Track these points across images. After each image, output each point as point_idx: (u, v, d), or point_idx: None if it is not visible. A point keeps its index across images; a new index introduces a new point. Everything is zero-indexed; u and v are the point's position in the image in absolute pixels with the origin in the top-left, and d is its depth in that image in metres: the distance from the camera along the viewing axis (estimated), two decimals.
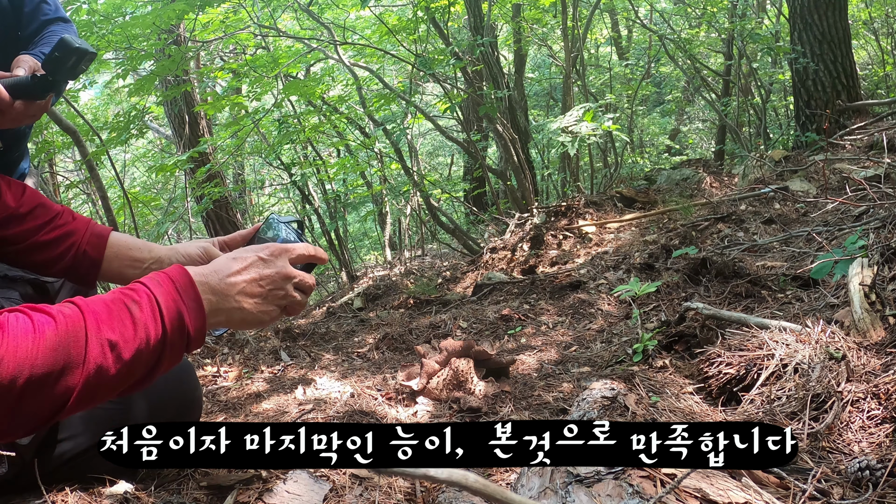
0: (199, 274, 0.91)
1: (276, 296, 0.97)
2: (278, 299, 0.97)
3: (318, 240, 7.04)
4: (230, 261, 0.95)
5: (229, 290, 0.92)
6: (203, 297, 0.89)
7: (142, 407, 1.32)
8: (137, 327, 0.82)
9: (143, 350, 0.82)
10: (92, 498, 1.24)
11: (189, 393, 1.41)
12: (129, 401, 1.30)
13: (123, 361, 0.81)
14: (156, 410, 1.34)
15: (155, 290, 0.85)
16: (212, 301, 0.91)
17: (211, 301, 0.90)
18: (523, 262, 3.66)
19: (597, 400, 1.51)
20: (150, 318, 0.83)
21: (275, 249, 0.98)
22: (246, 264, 0.95)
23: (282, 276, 0.97)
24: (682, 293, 2.47)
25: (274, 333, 2.84)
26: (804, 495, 1.08)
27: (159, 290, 0.85)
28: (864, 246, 1.93)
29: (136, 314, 0.82)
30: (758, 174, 4.47)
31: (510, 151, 4.82)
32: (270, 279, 0.96)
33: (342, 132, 6.30)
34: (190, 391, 1.41)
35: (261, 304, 0.96)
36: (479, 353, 1.97)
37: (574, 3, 5.93)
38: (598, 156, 7.32)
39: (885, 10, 7.96)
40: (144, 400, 1.33)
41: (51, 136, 4.68)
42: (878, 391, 1.34)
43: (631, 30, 10.88)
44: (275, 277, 0.96)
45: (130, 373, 0.83)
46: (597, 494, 1.02)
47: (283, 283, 0.97)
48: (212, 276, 0.92)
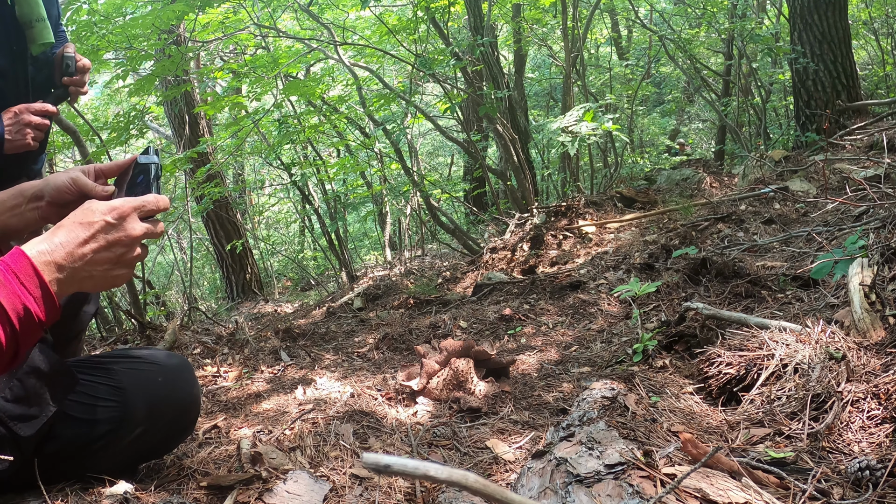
0: (43, 253, 0.90)
1: (126, 259, 0.97)
2: (128, 262, 0.98)
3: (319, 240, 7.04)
4: (77, 227, 0.94)
5: (77, 262, 0.92)
6: (49, 278, 0.89)
7: (140, 407, 1.32)
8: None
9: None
10: (92, 498, 1.24)
11: (187, 393, 1.41)
12: (126, 401, 1.31)
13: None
14: (154, 410, 1.34)
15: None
16: (60, 279, 0.91)
17: (60, 279, 0.90)
18: (523, 262, 3.66)
19: (597, 400, 1.51)
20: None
21: (123, 211, 0.97)
22: (93, 231, 0.94)
23: (130, 238, 0.96)
24: (682, 293, 2.47)
25: (274, 334, 2.84)
26: (804, 495, 1.08)
27: (1, 292, 0.85)
28: (864, 246, 1.93)
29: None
30: (758, 174, 4.48)
31: (510, 151, 4.82)
32: (120, 244, 0.96)
33: (342, 132, 6.30)
34: (188, 391, 1.41)
35: (111, 269, 0.96)
36: (479, 353, 1.97)
37: (574, 3, 5.93)
38: (598, 156, 7.32)
39: (885, 10, 7.96)
40: (143, 400, 1.33)
41: (51, 136, 4.67)
42: (878, 391, 1.34)
43: (631, 30, 10.89)
44: (124, 241, 0.96)
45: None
46: (597, 494, 1.02)
47: (132, 244, 0.97)
48: (57, 251, 0.91)
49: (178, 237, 9.90)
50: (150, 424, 1.34)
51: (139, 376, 1.36)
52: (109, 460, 1.31)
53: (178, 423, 1.41)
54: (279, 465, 1.41)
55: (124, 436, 1.30)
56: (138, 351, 1.45)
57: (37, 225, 1.11)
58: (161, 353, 1.46)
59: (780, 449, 1.28)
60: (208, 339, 2.85)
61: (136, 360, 1.39)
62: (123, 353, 1.44)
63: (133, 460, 1.39)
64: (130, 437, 1.31)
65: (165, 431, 1.39)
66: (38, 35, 1.72)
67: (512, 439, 1.58)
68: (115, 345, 2.89)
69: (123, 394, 1.31)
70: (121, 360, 1.39)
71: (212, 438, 1.66)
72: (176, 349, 2.60)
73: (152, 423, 1.34)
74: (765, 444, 1.33)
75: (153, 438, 1.37)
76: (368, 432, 1.64)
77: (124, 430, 1.30)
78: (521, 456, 1.48)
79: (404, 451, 1.55)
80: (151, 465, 1.48)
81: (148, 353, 1.44)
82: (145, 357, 1.41)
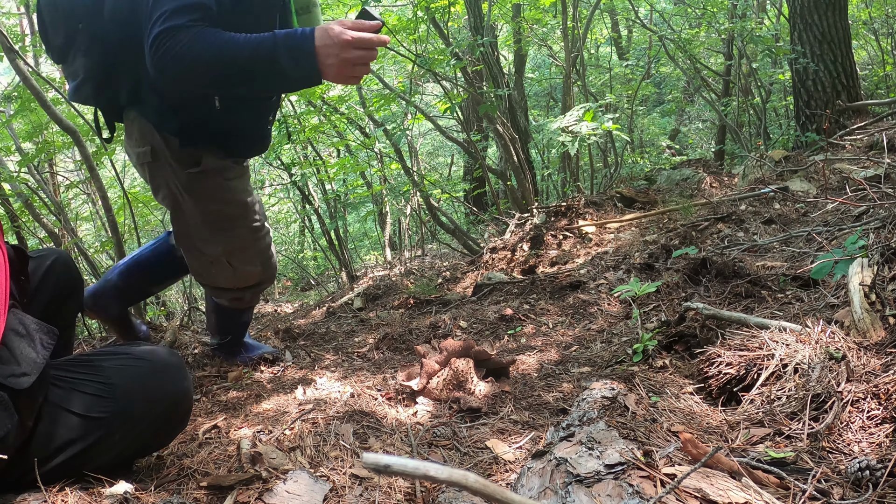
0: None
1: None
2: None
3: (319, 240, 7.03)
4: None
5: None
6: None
7: (130, 402, 1.34)
8: None
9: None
10: (92, 498, 1.24)
11: (178, 386, 1.42)
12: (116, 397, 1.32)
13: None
14: (145, 404, 1.36)
15: None
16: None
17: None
18: (523, 262, 3.66)
19: (597, 400, 1.51)
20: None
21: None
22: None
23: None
24: (682, 293, 2.47)
25: (274, 334, 2.84)
26: (804, 495, 1.08)
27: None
28: (864, 246, 1.93)
29: None
30: (758, 174, 4.47)
31: (510, 151, 4.82)
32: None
33: (342, 132, 6.30)
34: (179, 384, 1.43)
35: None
36: (479, 353, 1.97)
37: (574, 4, 5.93)
38: (598, 156, 7.32)
39: (885, 10, 7.96)
40: (133, 395, 1.34)
41: (51, 136, 4.67)
42: (878, 391, 1.34)
43: (631, 30, 10.88)
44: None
45: None
46: (597, 494, 1.02)
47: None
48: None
49: None
50: (142, 419, 1.35)
51: (129, 371, 1.37)
52: (103, 457, 1.32)
53: (170, 417, 1.42)
54: (279, 465, 1.41)
55: (116, 431, 1.31)
56: (128, 347, 1.46)
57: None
58: (149, 348, 1.47)
59: (780, 449, 1.28)
60: (208, 338, 2.85)
61: (125, 356, 1.40)
62: (112, 350, 1.45)
63: (127, 456, 1.40)
64: (122, 432, 1.32)
65: (157, 426, 1.39)
66: (313, 20, 1.82)
67: (512, 439, 1.58)
68: (114, 345, 2.89)
69: (114, 389, 1.32)
70: (110, 356, 1.40)
71: (212, 438, 1.66)
72: (176, 349, 2.60)
73: (143, 418, 1.35)
74: (765, 444, 1.33)
75: (145, 433, 1.37)
76: (368, 432, 1.64)
77: (116, 426, 1.31)
78: (521, 456, 1.48)
79: (404, 451, 1.55)
80: (151, 464, 1.48)
81: (138, 349, 1.45)
82: (135, 353, 1.42)
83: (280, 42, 1.54)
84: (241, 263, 2.11)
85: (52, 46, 1.88)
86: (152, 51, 1.53)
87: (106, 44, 1.79)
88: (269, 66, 1.55)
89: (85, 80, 1.88)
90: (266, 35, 1.55)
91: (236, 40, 1.54)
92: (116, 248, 3.41)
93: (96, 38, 1.79)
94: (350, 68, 1.56)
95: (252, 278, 2.16)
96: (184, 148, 1.91)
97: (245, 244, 2.09)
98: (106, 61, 1.82)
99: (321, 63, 1.55)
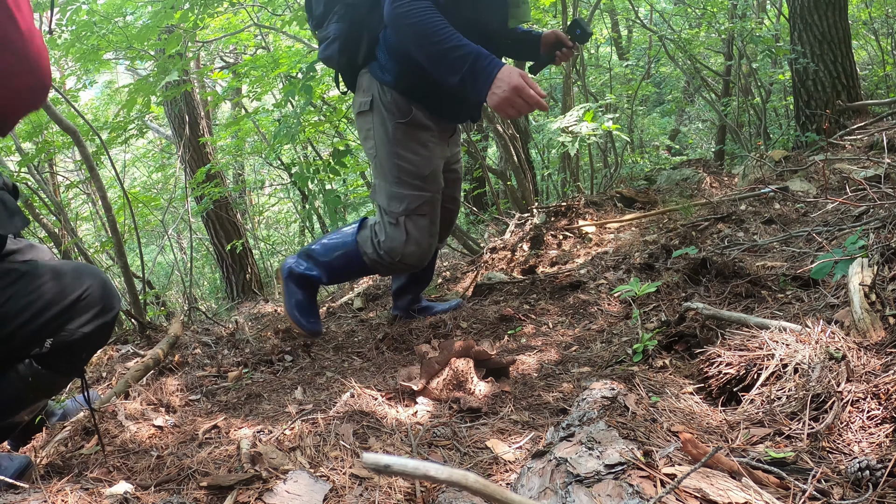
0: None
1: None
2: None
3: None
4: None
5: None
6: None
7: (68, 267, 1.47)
8: None
9: None
10: (92, 498, 1.24)
11: (103, 275, 1.53)
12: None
13: None
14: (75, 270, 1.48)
15: None
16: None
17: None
18: (523, 262, 3.66)
19: (597, 400, 1.51)
20: None
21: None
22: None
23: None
24: (682, 293, 2.47)
25: (274, 333, 2.84)
26: (804, 495, 1.08)
27: None
28: (864, 246, 1.93)
29: None
30: (758, 174, 4.47)
31: (510, 151, 4.82)
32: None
33: (342, 132, 6.30)
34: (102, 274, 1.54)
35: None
36: (479, 353, 1.97)
37: (574, 4, 5.93)
38: (598, 156, 7.32)
39: (885, 10, 7.95)
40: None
41: (51, 136, 4.67)
42: (878, 391, 1.34)
43: (631, 30, 10.88)
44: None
45: None
46: (597, 494, 1.02)
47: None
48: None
49: (178, 237, 9.90)
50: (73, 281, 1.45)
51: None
52: (25, 313, 1.37)
53: (103, 294, 1.50)
54: (279, 465, 1.41)
55: (42, 274, 1.41)
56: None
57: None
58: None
59: (780, 449, 1.28)
60: (208, 338, 2.85)
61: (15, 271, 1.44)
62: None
63: (75, 353, 1.48)
64: (48, 278, 1.41)
65: (89, 304, 1.47)
66: (523, 14, 2.22)
67: (512, 439, 1.58)
68: (115, 345, 2.89)
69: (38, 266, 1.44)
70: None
71: (212, 438, 1.66)
72: (176, 349, 2.60)
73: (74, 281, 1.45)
74: (765, 444, 1.33)
75: (76, 306, 1.45)
76: (368, 432, 1.64)
77: (42, 270, 1.43)
78: (521, 456, 1.48)
79: (404, 452, 1.55)
80: (152, 465, 1.48)
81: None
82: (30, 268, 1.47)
83: (473, 56, 1.94)
84: (414, 230, 2.37)
85: (314, 16, 2.35)
86: (394, 5, 1.98)
87: (359, 8, 2.23)
88: (451, 69, 1.96)
89: (334, 40, 2.30)
90: (473, 46, 1.95)
91: (449, 32, 1.95)
92: (116, 248, 3.41)
93: (351, 5, 2.24)
94: (508, 107, 1.94)
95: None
96: (399, 98, 2.27)
97: (422, 209, 2.37)
98: (354, 22, 2.25)
99: (492, 88, 1.93)
